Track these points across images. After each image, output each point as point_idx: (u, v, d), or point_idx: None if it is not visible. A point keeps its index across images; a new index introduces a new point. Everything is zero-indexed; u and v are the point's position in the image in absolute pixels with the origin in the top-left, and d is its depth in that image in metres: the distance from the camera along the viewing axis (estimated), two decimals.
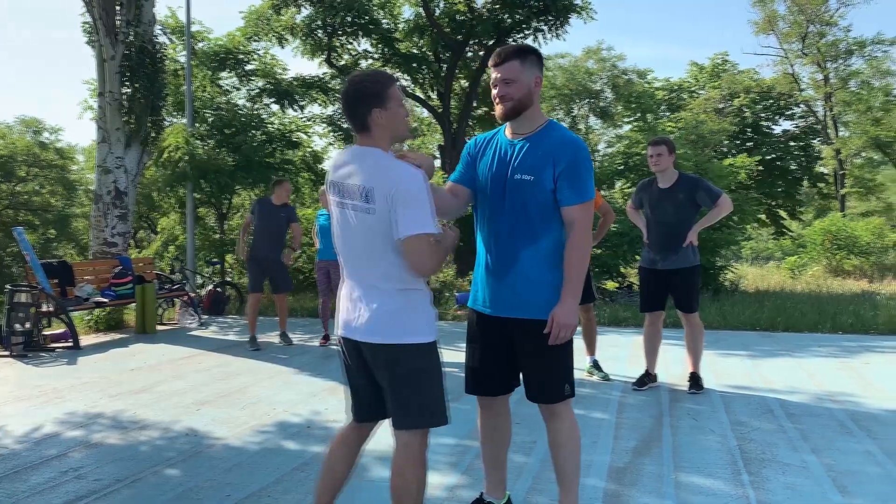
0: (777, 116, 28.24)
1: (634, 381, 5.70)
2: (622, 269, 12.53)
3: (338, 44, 16.48)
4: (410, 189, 2.40)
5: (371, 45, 16.80)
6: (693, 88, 29.88)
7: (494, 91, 2.83)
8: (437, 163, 22.22)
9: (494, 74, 2.81)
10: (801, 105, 29.48)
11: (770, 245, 36.47)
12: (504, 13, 14.95)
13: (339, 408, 5.00)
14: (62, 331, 8.41)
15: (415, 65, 16.73)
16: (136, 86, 10.33)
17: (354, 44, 16.82)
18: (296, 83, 16.89)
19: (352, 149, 2.57)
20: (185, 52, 13.85)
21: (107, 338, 8.89)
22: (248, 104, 16.61)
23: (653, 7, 77.55)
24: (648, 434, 4.42)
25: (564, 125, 4.02)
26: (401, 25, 16.76)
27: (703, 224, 5.52)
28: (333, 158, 2.64)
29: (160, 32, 12.82)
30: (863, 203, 33.60)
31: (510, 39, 15.06)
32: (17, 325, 7.80)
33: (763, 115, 27.79)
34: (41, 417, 4.98)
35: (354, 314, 2.56)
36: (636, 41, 74.97)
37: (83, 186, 33.89)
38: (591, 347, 6.14)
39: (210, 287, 11.57)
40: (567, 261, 2.74)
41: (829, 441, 4.23)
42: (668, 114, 22.60)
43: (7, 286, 8.47)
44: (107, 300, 8.99)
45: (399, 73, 17.25)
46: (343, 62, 16.74)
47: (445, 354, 2.71)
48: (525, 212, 2.76)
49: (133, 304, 9.34)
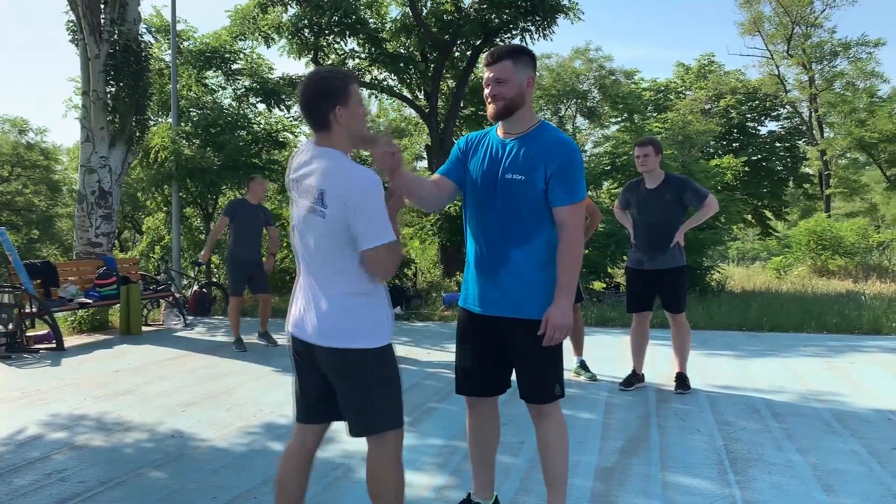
0: (763, 117, 28.52)
1: (621, 382, 5.70)
2: (609, 270, 12.59)
3: (325, 43, 16.43)
4: (369, 196, 2.35)
5: (358, 45, 16.74)
6: (680, 89, 30.11)
7: (487, 90, 2.82)
8: (424, 163, 22.26)
9: (487, 74, 2.80)
10: (787, 106, 29.76)
11: (756, 245, 36.75)
12: (491, 13, 14.95)
13: None
14: (46, 332, 8.33)
15: (402, 64, 16.70)
16: (121, 85, 10.24)
17: (341, 43, 16.79)
18: (283, 82, 16.81)
19: (311, 147, 2.53)
20: (171, 51, 13.74)
21: (91, 339, 8.82)
22: (234, 104, 16.51)
23: (639, 8, 78.02)
24: (635, 434, 4.43)
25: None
26: (388, 25, 16.73)
27: (690, 224, 5.54)
28: (293, 155, 2.61)
29: (145, 31, 12.66)
30: (847, 203, 33.99)
31: (497, 40, 15.08)
32: (0, 327, 7.72)
33: (749, 116, 28.05)
34: (24, 419, 4.92)
35: (306, 314, 2.52)
36: (623, 42, 75.48)
37: (67, 186, 33.63)
38: (579, 348, 6.14)
39: (195, 288, 11.51)
40: (560, 262, 2.73)
41: (815, 440, 4.25)
42: (655, 114, 22.71)
43: None
44: (91, 301, 8.91)
45: (386, 73, 17.25)
46: (330, 62, 16.68)
47: (432, 355, 2.69)
48: (517, 211, 2.75)
49: (118, 305, 9.28)
